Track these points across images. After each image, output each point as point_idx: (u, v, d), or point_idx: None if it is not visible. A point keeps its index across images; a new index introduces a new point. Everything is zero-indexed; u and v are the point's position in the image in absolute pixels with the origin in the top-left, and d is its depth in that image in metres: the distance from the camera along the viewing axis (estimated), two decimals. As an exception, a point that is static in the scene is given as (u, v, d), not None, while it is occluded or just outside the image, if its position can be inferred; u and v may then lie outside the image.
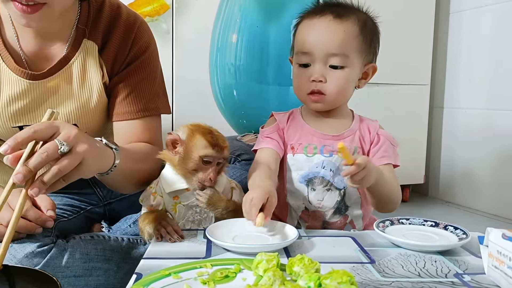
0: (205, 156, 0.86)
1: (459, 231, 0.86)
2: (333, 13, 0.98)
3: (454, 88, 2.22)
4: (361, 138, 1.03)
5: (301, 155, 1.02)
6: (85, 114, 1.03)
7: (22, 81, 0.96)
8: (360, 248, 0.82)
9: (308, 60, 0.99)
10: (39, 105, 0.99)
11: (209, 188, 0.87)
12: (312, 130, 1.03)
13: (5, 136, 1.02)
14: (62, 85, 1.00)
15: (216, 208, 0.88)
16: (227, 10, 1.66)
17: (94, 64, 1.01)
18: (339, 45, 0.97)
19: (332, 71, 0.98)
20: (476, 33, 2.09)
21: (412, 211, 2.07)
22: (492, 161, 2.00)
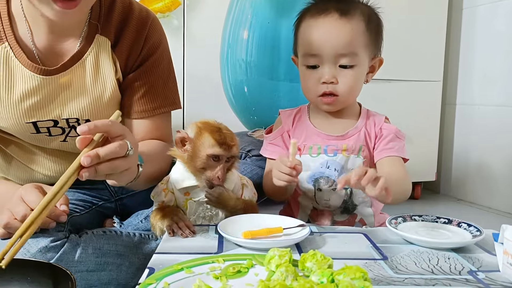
0: (212, 155, 0.86)
1: (473, 228, 0.85)
2: (338, 11, 0.96)
3: (467, 84, 2.19)
4: (367, 135, 1.02)
5: (307, 155, 1.02)
6: (97, 110, 1.03)
7: (35, 77, 0.97)
8: (372, 244, 0.82)
9: (316, 61, 0.98)
10: (52, 101, 1.00)
11: (218, 186, 0.88)
12: (316, 131, 1.03)
13: (19, 132, 1.03)
14: (75, 81, 1.00)
15: (225, 206, 0.88)
16: (238, 6, 1.65)
17: (107, 60, 1.02)
18: (349, 45, 0.95)
19: (342, 70, 0.97)
20: (491, 28, 2.06)
21: (424, 208, 2.05)
22: (505, 158, 1.98)
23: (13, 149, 1.09)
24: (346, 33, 0.95)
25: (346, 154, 1.00)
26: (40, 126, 1.02)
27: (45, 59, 0.99)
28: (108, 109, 1.04)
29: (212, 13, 1.64)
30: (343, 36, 0.95)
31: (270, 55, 1.65)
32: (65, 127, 1.04)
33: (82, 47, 1.00)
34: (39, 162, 1.09)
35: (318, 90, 0.99)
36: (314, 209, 1.02)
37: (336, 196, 1.00)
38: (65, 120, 1.03)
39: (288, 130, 1.06)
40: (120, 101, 1.07)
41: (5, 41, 0.95)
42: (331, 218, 1.01)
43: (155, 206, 0.95)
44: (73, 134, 1.04)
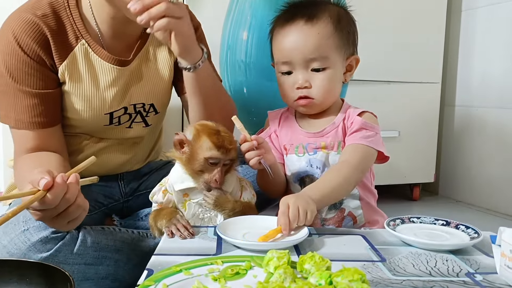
0: (210, 158, 0.87)
1: (471, 230, 0.86)
2: (304, 17, 0.97)
3: (465, 86, 2.19)
4: (345, 130, 1.01)
5: (293, 155, 1.03)
6: (161, 91, 1.14)
7: (114, 68, 1.05)
8: (370, 246, 0.82)
9: (289, 68, 1.00)
10: (127, 89, 1.09)
11: (216, 189, 0.88)
12: (299, 129, 1.05)
13: (93, 126, 1.09)
14: (140, 68, 1.10)
15: (223, 209, 0.89)
16: (238, 7, 1.65)
17: (163, 48, 1.12)
18: (316, 49, 0.97)
19: (315, 74, 0.98)
20: (490, 31, 2.06)
21: (423, 210, 2.06)
22: (503, 160, 1.98)
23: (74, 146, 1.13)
24: (312, 38, 0.97)
25: (326, 151, 1.00)
26: (115, 116, 1.10)
27: (113, 53, 1.05)
28: (167, 89, 1.17)
29: (211, 14, 1.64)
30: (309, 41, 0.97)
31: (269, 56, 1.65)
32: (132, 113, 1.12)
33: (142, 40, 1.09)
34: None
35: (293, 95, 1.01)
36: None
37: None
38: (133, 106, 1.11)
39: (275, 130, 1.08)
40: (173, 81, 1.17)
41: (82, 38, 1.02)
42: (320, 216, 1.02)
43: (154, 207, 0.95)
44: (138, 120, 1.14)
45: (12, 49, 0.96)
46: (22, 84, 0.97)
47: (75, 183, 0.77)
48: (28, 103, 0.98)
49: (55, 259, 0.89)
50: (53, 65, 1.00)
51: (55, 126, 1.03)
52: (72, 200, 0.76)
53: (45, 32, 0.97)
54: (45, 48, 0.98)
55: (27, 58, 0.96)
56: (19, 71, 0.97)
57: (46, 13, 0.98)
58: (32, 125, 0.99)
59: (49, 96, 1.00)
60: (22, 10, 0.99)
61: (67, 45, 1.01)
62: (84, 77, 1.03)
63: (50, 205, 0.74)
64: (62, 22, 1.00)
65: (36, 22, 0.96)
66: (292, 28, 0.98)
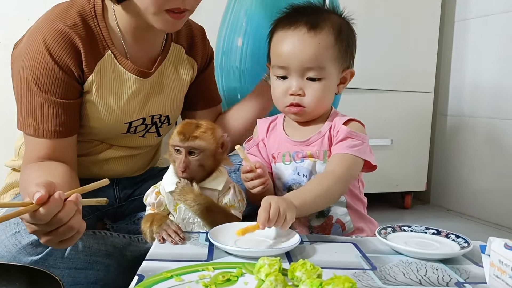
0: (172, 145, 0.90)
1: (461, 240, 0.86)
2: (307, 25, 0.97)
3: (458, 96, 2.22)
4: (331, 139, 1.01)
5: (280, 163, 1.04)
6: (177, 104, 1.19)
7: (137, 80, 1.07)
8: (361, 254, 0.82)
9: (285, 73, 0.99)
10: (147, 100, 1.11)
11: (184, 179, 0.89)
12: (286, 138, 1.04)
13: (111, 134, 1.11)
14: (160, 81, 1.13)
15: (185, 200, 0.88)
16: (233, 14, 1.66)
17: (184, 62, 1.17)
18: (315, 59, 0.96)
19: (309, 83, 0.98)
20: (482, 41, 2.09)
21: (414, 218, 2.07)
22: (495, 170, 2.00)
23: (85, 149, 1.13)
24: (313, 47, 0.96)
25: (313, 159, 1.00)
26: (133, 125, 1.11)
27: (136, 65, 1.06)
28: (181, 103, 1.21)
29: (207, 20, 1.64)
30: (309, 50, 0.96)
31: (264, 63, 1.65)
32: (148, 124, 1.15)
33: (163, 53, 1.12)
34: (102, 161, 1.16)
35: (285, 101, 1.00)
36: None
37: None
38: (151, 117, 1.14)
39: (263, 139, 1.08)
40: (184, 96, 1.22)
41: (108, 49, 1.03)
42: (307, 224, 1.02)
43: (147, 211, 0.95)
44: (152, 130, 1.17)
45: (42, 58, 0.95)
46: (48, 93, 0.97)
47: (73, 203, 0.73)
48: (52, 112, 0.97)
49: (45, 263, 0.89)
50: (81, 76, 1.00)
51: (72, 136, 1.03)
52: (65, 220, 0.72)
53: (76, 43, 0.97)
54: (76, 60, 0.98)
55: (57, 69, 0.96)
56: (46, 80, 0.96)
57: (76, 22, 0.98)
58: (53, 134, 0.98)
59: (72, 106, 1.00)
60: (52, 18, 0.98)
61: (95, 55, 1.01)
62: (109, 87, 1.04)
63: (41, 221, 0.71)
64: (92, 32, 1.01)
65: (68, 33, 0.96)
66: (294, 34, 0.98)
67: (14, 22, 1.54)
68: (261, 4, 1.65)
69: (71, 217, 0.73)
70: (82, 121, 1.06)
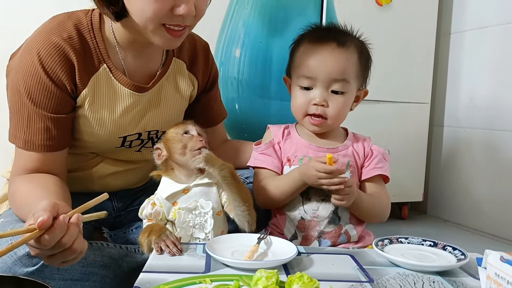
0: (184, 132, 0.96)
1: (458, 252, 0.87)
2: (336, 41, 1.02)
3: (454, 107, 2.23)
4: (354, 153, 1.07)
5: (297, 166, 1.05)
6: (175, 120, 1.15)
7: (132, 94, 1.05)
8: (359, 266, 0.82)
9: (310, 83, 1.03)
10: (143, 115, 1.10)
11: (204, 149, 0.92)
12: (307, 143, 1.07)
13: (105, 147, 1.09)
14: (158, 96, 1.11)
15: (213, 164, 0.89)
16: (231, 25, 1.67)
17: (184, 78, 1.15)
18: (342, 72, 1.01)
19: (333, 96, 1.02)
20: (477, 53, 2.11)
21: (411, 229, 2.07)
22: (492, 181, 2.01)
23: (75, 162, 1.13)
24: (342, 61, 1.02)
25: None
26: (127, 139, 1.10)
27: (133, 79, 1.06)
28: (180, 119, 1.19)
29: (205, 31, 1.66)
30: (338, 63, 1.01)
31: (261, 73, 1.67)
32: (144, 139, 1.13)
33: (163, 68, 1.11)
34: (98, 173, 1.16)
35: (308, 110, 1.04)
36: (301, 220, 1.03)
37: (324, 206, 1.02)
38: (147, 133, 1.13)
39: (279, 142, 1.10)
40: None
41: (104, 63, 1.02)
42: (318, 229, 1.02)
43: (144, 223, 0.95)
44: (148, 145, 1.15)
45: (35, 71, 0.95)
46: (39, 106, 0.96)
47: (76, 225, 0.74)
48: (42, 126, 0.97)
49: (41, 274, 0.88)
50: (74, 91, 1.00)
51: (63, 150, 1.02)
52: (69, 244, 0.73)
53: (70, 57, 0.96)
54: (69, 74, 0.97)
55: (50, 83, 0.95)
56: (38, 94, 0.95)
57: (72, 35, 0.97)
58: (42, 147, 0.98)
59: (63, 120, 1.00)
60: (48, 31, 0.97)
61: (90, 69, 1.00)
62: (102, 101, 1.03)
63: (45, 246, 0.71)
64: (87, 45, 1.00)
65: (62, 47, 0.95)
66: (324, 48, 1.02)
67: (13, 32, 1.54)
68: (259, 16, 1.66)
69: (74, 240, 0.73)
70: (75, 134, 1.05)
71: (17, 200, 0.96)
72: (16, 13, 1.59)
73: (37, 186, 0.93)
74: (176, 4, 0.91)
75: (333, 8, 1.78)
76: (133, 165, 1.19)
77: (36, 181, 0.95)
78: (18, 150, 1.00)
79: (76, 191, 1.02)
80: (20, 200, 0.94)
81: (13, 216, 0.97)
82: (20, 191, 0.95)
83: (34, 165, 0.98)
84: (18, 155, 1.00)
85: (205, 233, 0.92)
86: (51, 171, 0.99)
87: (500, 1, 1.99)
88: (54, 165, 1.00)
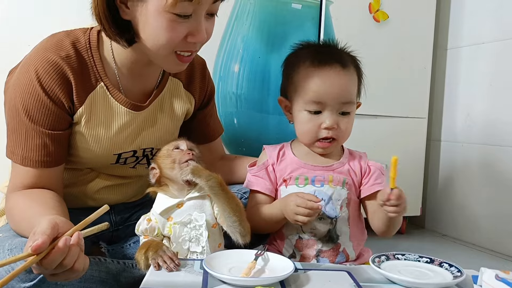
0: (174, 146, 0.98)
1: (454, 269, 0.87)
2: (339, 63, 1.03)
3: (451, 122, 2.24)
4: (350, 170, 1.07)
5: (293, 186, 1.05)
6: (170, 138, 1.14)
7: (129, 112, 1.06)
8: (355, 283, 0.83)
9: (319, 108, 1.03)
10: (138, 133, 1.11)
11: (191, 161, 0.93)
12: (302, 163, 1.07)
13: (99, 163, 1.10)
14: (154, 115, 1.12)
15: (200, 175, 0.90)
16: (230, 41, 1.69)
17: (180, 97, 1.16)
18: (350, 94, 1.03)
19: (341, 117, 1.03)
20: (474, 68, 2.13)
21: (409, 243, 2.06)
22: (489, 196, 2.01)
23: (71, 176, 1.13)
24: (349, 83, 1.04)
25: (333, 185, 1.03)
26: (122, 156, 1.11)
27: (128, 97, 1.07)
28: (173, 137, 1.17)
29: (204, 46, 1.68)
30: (346, 86, 1.03)
31: (260, 88, 1.69)
32: (139, 156, 1.14)
33: (159, 87, 1.12)
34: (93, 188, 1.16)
35: (318, 134, 1.03)
36: (299, 239, 1.03)
37: (322, 225, 1.02)
38: (142, 150, 1.13)
39: (273, 163, 1.09)
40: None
41: (101, 81, 1.03)
42: (316, 247, 1.02)
43: (141, 240, 0.95)
44: (143, 162, 1.16)
45: (33, 89, 0.95)
46: (37, 123, 0.97)
47: (76, 245, 0.74)
48: (40, 143, 0.98)
49: (38, 290, 0.88)
50: (71, 108, 1.00)
51: (59, 166, 1.02)
52: (70, 265, 0.74)
53: (68, 75, 0.97)
54: (67, 92, 0.98)
55: (47, 100, 0.96)
56: (36, 111, 0.96)
57: (70, 54, 0.98)
58: (40, 163, 0.98)
59: (60, 137, 1.00)
60: (45, 49, 0.98)
61: (87, 87, 1.01)
62: (99, 119, 1.04)
63: (46, 270, 0.72)
64: (85, 64, 1.01)
65: (60, 65, 0.96)
66: (330, 71, 1.02)
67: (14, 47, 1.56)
68: (257, 32, 1.69)
69: (75, 261, 0.74)
70: (71, 150, 1.06)
71: (15, 215, 0.96)
72: (17, 28, 1.61)
73: (36, 201, 0.93)
74: (190, 33, 0.93)
75: (331, 24, 1.80)
76: (128, 180, 1.19)
77: (34, 196, 0.96)
78: (15, 166, 1.00)
79: (73, 207, 1.02)
80: (18, 216, 0.95)
81: (11, 232, 0.97)
82: (18, 207, 0.95)
83: (31, 180, 0.99)
84: (15, 171, 1.01)
85: (201, 246, 0.92)
86: (48, 187, 1.00)
87: (496, 17, 2.02)
88: (51, 180, 1.01)
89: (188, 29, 0.92)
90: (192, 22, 0.92)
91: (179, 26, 0.91)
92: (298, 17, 1.74)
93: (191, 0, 0.88)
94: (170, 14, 0.89)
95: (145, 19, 0.92)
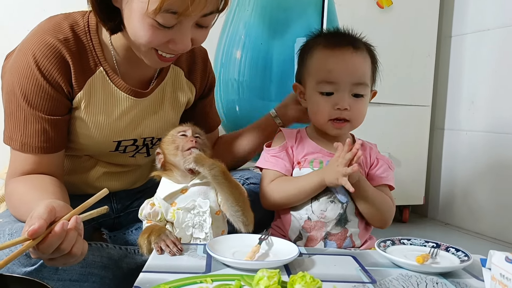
0: (179, 132, 0.96)
1: (461, 253, 0.86)
2: (351, 44, 1.03)
3: (455, 110, 2.23)
4: (361, 161, 1.05)
5: (307, 168, 1.05)
6: (171, 127, 1.09)
7: (129, 99, 1.04)
8: (361, 267, 0.82)
9: (333, 88, 1.02)
10: (140, 121, 1.09)
11: (194, 149, 0.92)
12: (318, 147, 1.07)
13: (99, 151, 1.09)
14: (155, 103, 1.10)
15: (203, 164, 0.89)
16: (232, 27, 1.67)
17: (182, 86, 1.14)
18: (363, 75, 1.03)
19: (355, 99, 1.03)
20: (478, 56, 2.11)
21: (411, 232, 2.06)
22: (492, 184, 2.00)
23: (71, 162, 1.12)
24: (362, 64, 1.03)
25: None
26: (122, 144, 1.09)
27: (127, 83, 1.04)
28: (174, 126, 1.12)
29: (206, 32, 1.66)
30: (359, 67, 1.03)
31: (262, 75, 1.67)
32: (139, 145, 1.12)
33: (161, 75, 1.10)
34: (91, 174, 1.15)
35: (331, 114, 1.03)
36: (308, 220, 1.02)
37: (332, 207, 1.01)
38: (143, 139, 1.11)
39: (292, 146, 1.09)
40: None
41: (100, 65, 1.00)
42: (325, 229, 1.02)
43: (144, 224, 0.94)
44: (142, 151, 1.14)
45: (31, 73, 0.93)
46: (36, 108, 0.95)
47: (74, 230, 0.73)
48: (39, 128, 0.96)
49: (40, 274, 0.87)
50: (70, 92, 0.98)
51: (59, 152, 1.01)
52: (67, 249, 0.72)
53: (66, 58, 0.95)
54: (65, 75, 0.96)
55: (46, 84, 0.94)
56: (35, 96, 0.94)
57: (68, 37, 0.96)
58: (39, 149, 0.96)
59: (60, 122, 0.98)
60: (43, 32, 0.95)
61: (86, 71, 0.99)
62: (99, 104, 1.02)
63: (43, 254, 0.71)
64: (83, 47, 0.98)
65: (58, 48, 0.94)
66: (343, 52, 1.02)
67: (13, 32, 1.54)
68: (259, 18, 1.66)
69: (73, 245, 0.73)
70: (70, 136, 1.04)
71: (14, 200, 0.95)
72: (17, 12, 1.59)
73: (35, 186, 0.92)
74: (172, 40, 0.89)
75: (334, 10, 1.78)
76: (127, 168, 1.18)
77: (34, 181, 0.95)
78: (14, 152, 0.99)
79: (76, 194, 1.01)
80: (17, 201, 0.93)
81: (11, 217, 0.96)
82: (18, 192, 0.94)
83: (30, 167, 0.97)
84: (14, 157, 0.99)
85: (205, 233, 0.91)
86: (48, 173, 0.98)
87: (501, 4, 2.00)
88: (50, 166, 0.99)
89: (170, 37, 0.88)
90: (175, 31, 0.88)
91: (160, 32, 0.87)
92: (300, 3, 1.72)
93: (174, 13, 0.83)
94: (152, 20, 0.85)
95: (129, 14, 0.89)
